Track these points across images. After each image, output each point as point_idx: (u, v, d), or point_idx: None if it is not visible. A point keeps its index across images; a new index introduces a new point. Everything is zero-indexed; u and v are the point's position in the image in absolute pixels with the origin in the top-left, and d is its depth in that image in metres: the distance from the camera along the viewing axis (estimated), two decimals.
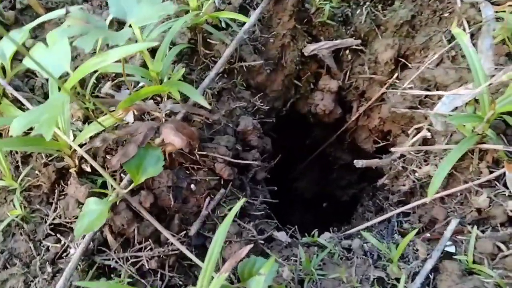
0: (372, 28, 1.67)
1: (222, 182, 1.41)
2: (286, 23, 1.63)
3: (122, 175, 1.28)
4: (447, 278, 1.23)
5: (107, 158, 1.29)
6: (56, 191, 1.33)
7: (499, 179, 1.31)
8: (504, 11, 1.43)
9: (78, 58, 1.52)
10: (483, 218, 1.32)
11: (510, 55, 1.41)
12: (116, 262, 1.23)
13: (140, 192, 1.25)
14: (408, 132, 1.58)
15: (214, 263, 0.98)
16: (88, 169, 1.26)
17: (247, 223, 1.41)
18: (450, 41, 1.51)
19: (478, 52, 1.40)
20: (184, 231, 1.30)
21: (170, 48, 1.37)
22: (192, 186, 1.35)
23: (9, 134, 1.06)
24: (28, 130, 0.94)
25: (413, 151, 1.49)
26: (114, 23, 1.50)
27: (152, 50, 1.38)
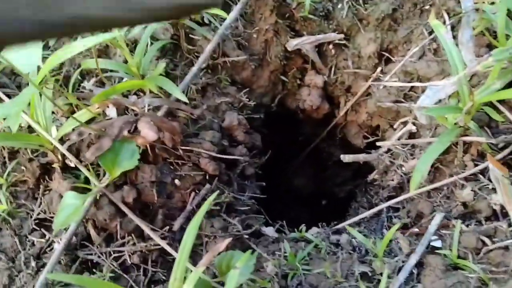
0: (354, 23, 1.65)
1: (207, 178, 1.41)
2: (268, 18, 1.62)
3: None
4: (430, 273, 1.22)
5: None
6: (41, 186, 1.34)
7: (484, 172, 1.29)
8: (483, 2, 1.41)
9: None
10: (469, 212, 1.30)
11: (491, 46, 1.39)
12: (99, 257, 1.24)
13: (123, 187, 1.26)
14: (394, 126, 1.56)
15: (187, 255, 0.98)
16: (72, 164, 1.27)
17: (233, 218, 1.41)
18: (431, 33, 1.49)
19: (458, 44, 1.39)
20: (169, 226, 1.31)
21: (153, 44, 1.37)
22: (176, 181, 1.35)
23: None
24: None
25: (399, 145, 1.47)
26: None
27: (135, 46, 1.38)
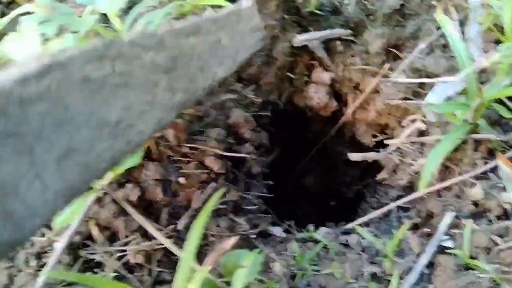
0: (361, 18, 1.63)
1: (213, 176, 1.39)
2: (273, 13, 1.59)
3: None
4: (441, 274, 1.19)
5: None
6: None
7: (494, 171, 1.26)
8: None
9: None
10: (480, 211, 1.27)
11: (499, 42, 1.36)
12: (102, 256, 1.22)
13: (126, 185, 1.24)
14: (403, 124, 1.53)
15: (191, 255, 0.96)
16: None
17: (239, 218, 1.39)
18: (439, 29, 1.46)
19: (466, 40, 1.36)
20: (173, 225, 1.29)
21: None
22: (181, 179, 1.33)
23: None
24: None
25: (407, 143, 1.44)
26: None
27: None
